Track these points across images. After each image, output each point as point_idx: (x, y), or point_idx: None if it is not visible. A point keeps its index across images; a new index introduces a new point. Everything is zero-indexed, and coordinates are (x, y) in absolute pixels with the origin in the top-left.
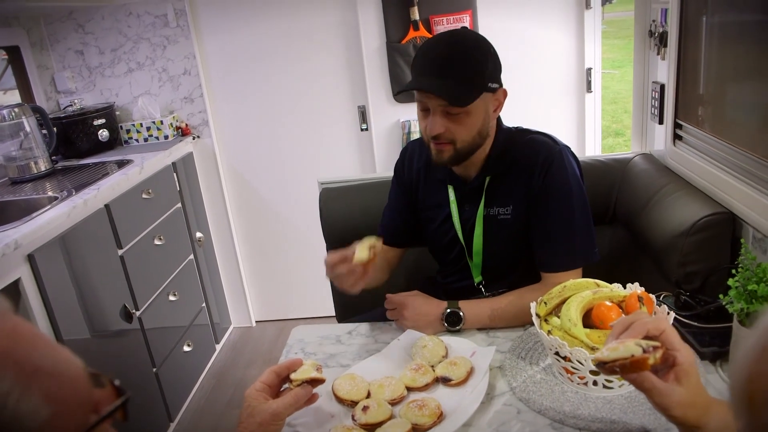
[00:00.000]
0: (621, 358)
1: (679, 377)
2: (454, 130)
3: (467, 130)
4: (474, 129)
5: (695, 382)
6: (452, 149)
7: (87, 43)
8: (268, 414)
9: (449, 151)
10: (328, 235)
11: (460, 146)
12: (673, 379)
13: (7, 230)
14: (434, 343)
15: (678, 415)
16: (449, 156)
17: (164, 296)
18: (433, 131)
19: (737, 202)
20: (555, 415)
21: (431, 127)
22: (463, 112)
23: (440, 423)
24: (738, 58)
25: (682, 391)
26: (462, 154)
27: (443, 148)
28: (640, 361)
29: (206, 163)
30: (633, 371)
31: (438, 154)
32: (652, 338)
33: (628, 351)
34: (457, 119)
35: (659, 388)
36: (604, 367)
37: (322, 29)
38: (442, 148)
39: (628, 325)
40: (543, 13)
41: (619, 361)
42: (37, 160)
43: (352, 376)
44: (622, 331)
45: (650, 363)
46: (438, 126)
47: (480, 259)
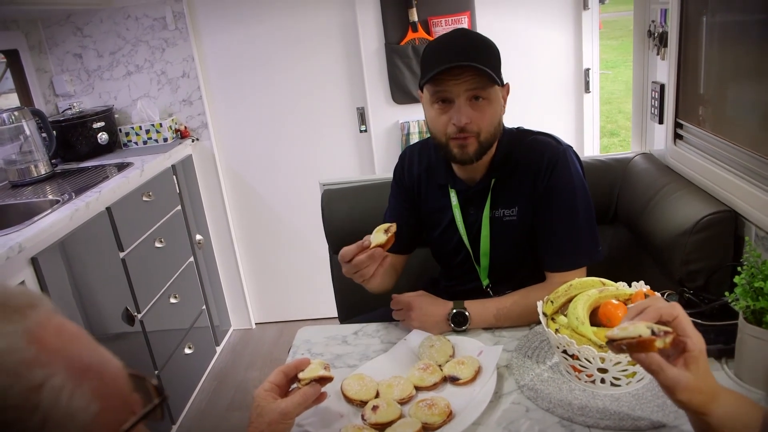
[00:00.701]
0: (629, 337)
1: (688, 363)
2: (479, 121)
3: (490, 120)
4: (495, 119)
5: (704, 369)
6: (476, 142)
7: (85, 47)
8: (277, 413)
9: (473, 145)
10: (330, 237)
11: (483, 138)
12: (682, 364)
13: (10, 233)
14: (441, 343)
15: (684, 399)
16: (474, 149)
17: (165, 299)
18: (461, 121)
19: (739, 201)
20: (563, 413)
21: (458, 117)
22: (487, 99)
23: (450, 422)
24: (738, 57)
25: (689, 375)
26: (485, 147)
27: (467, 142)
28: (647, 341)
29: (205, 165)
30: (640, 351)
31: (462, 150)
32: (666, 323)
33: (637, 331)
34: (481, 109)
35: (666, 370)
36: (612, 345)
37: (320, 31)
38: (467, 141)
39: (643, 308)
40: (541, 14)
41: (626, 340)
42: (37, 163)
43: (360, 376)
44: (637, 314)
45: (658, 346)
46: (465, 115)
47: (487, 262)
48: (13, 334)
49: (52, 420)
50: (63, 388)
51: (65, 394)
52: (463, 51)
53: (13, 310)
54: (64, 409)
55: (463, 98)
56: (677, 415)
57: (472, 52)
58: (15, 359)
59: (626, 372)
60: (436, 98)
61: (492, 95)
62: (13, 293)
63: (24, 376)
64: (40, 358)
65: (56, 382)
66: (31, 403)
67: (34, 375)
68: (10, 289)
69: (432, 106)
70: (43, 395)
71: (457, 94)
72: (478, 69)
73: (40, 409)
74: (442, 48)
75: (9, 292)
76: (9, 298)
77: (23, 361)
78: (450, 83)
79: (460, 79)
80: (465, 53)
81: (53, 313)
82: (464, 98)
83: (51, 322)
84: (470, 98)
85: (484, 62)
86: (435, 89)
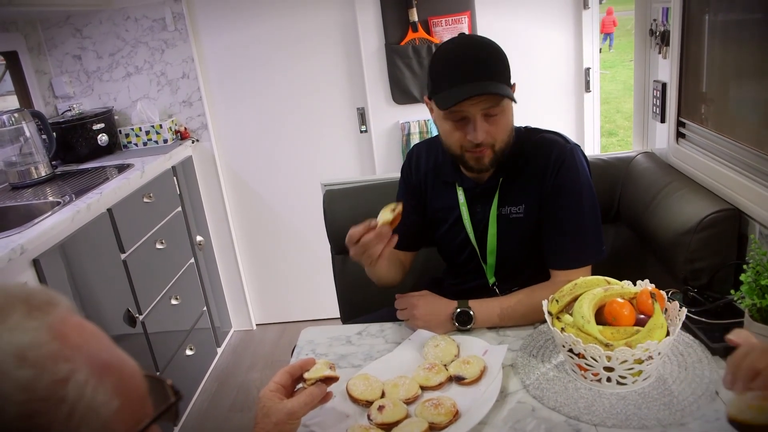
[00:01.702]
0: None
1: None
2: (494, 133)
3: (505, 131)
4: (509, 128)
5: None
6: (491, 153)
7: (85, 48)
8: (283, 413)
9: (489, 156)
10: (332, 237)
11: (498, 148)
12: None
13: (12, 235)
14: (446, 342)
15: None
16: (490, 160)
17: (166, 300)
18: (478, 138)
19: (743, 199)
20: (570, 412)
21: (475, 135)
22: (501, 112)
23: (456, 421)
24: (741, 55)
25: None
26: (500, 155)
27: (483, 154)
28: None
29: (205, 166)
30: None
31: (478, 162)
32: None
33: None
34: (495, 121)
35: None
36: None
37: (320, 31)
38: (482, 154)
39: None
40: (541, 13)
41: None
42: (37, 165)
43: (365, 376)
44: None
45: None
46: (481, 132)
47: (494, 260)
48: (37, 330)
49: (77, 413)
50: (87, 382)
51: (89, 389)
52: (477, 73)
53: (35, 307)
54: (89, 402)
55: (479, 116)
56: (684, 413)
57: (486, 72)
58: (40, 353)
59: (632, 371)
60: (451, 117)
61: (506, 106)
62: (35, 292)
63: (50, 369)
64: (64, 352)
65: (80, 377)
66: (58, 395)
67: (59, 368)
68: (32, 288)
69: (445, 121)
70: (68, 388)
71: (473, 113)
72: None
73: (66, 402)
74: (454, 67)
75: (30, 290)
76: (31, 296)
77: (48, 354)
78: (466, 105)
79: (476, 100)
80: (480, 74)
81: (72, 312)
82: (479, 116)
83: (72, 320)
84: (484, 114)
85: (499, 79)
86: (451, 109)
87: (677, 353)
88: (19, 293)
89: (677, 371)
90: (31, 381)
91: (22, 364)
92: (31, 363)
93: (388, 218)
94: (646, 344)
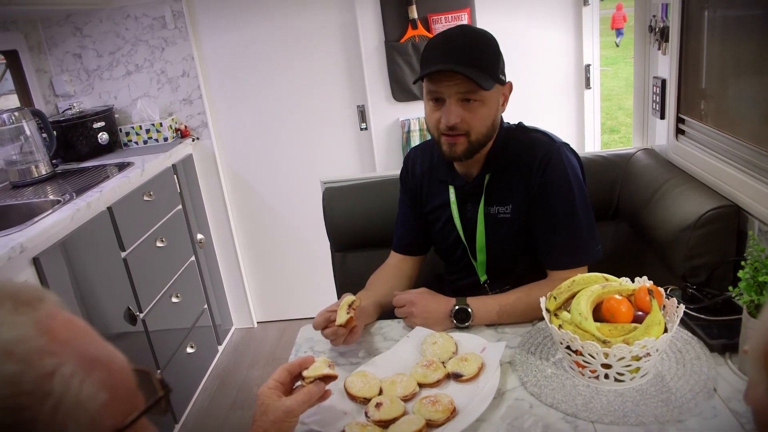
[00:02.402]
0: None
1: None
2: (470, 121)
3: (482, 121)
4: (488, 120)
5: None
6: (466, 141)
7: (85, 47)
8: (281, 411)
9: (463, 144)
10: (331, 234)
11: (474, 138)
12: None
13: (12, 234)
14: (444, 340)
15: None
16: (463, 149)
17: (167, 298)
18: (449, 121)
19: (742, 195)
20: (567, 409)
21: (447, 116)
22: (479, 101)
23: (453, 418)
24: (740, 52)
25: None
26: (475, 146)
27: (457, 141)
28: None
29: (206, 164)
30: None
31: (451, 148)
32: None
33: None
34: (473, 109)
35: None
36: None
37: (320, 29)
38: (456, 140)
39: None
40: (541, 10)
41: None
42: (37, 163)
43: (363, 374)
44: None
45: None
46: (454, 115)
47: (484, 258)
48: (24, 325)
49: (63, 407)
50: (73, 376)
51: (75, 383)
52: (457, 54)
53: (24, 303)
54: (75, 396)
55: (454, 99)
56: (681, 410)
57: (467, 55)
58: (27, 348)
59: (630, 367)
60: (430, 96)
61: (485, 96)
62: (23, 287)
63: (36, 363)
64: (51, 347)
65: (67, 371)
66: (43, 389)
67: (45, 363)
68: (20, 284)
69: (428, 102)
70: (54, 383)
71: (448, 95)
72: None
73: (52, 396)
74: (439, 47)
75: (18, 286)
76: (19, 292)
77: (35, 349)
78: (442, 84)
79: (452, 82)
80: (458, 56)
81: (60, 308)
82: (455, 99)
83: (60, 315)
84: (461, 99)
85: (478, 65)
86: (429, 88)
87: (675, 350)
88: (7, 289)
89: (675, 368)
90: (16, 375)
91: (8, 359)
92: (17, 358)
93: (343, 321)
94: (644, 341)
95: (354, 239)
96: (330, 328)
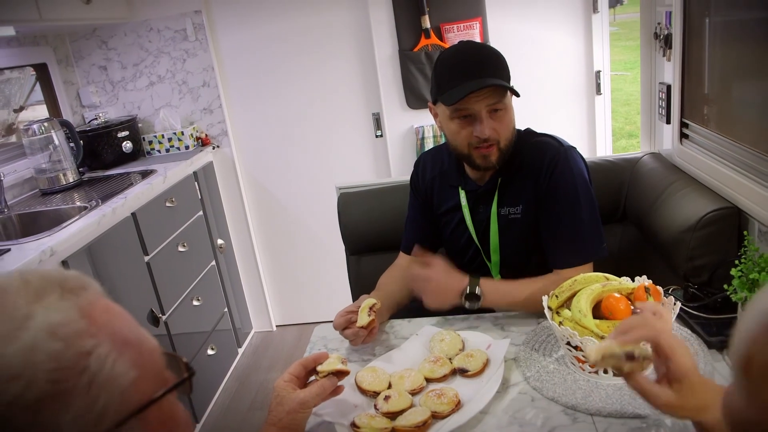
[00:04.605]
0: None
1: (671, 383)
2: (500, 130)
3: (508, 128)
4: (512, 126)
5: (688, 388)
6: (497, 150)
7: (110, 59)
8: (296, 403)
9: (495, 153)
10: (346, 239)
11: (503, 145)
12: (665, 383)
13: (42, 238)
14: (451, 337)
15: (665, 413)
16: (496, 158)
17: (188, 301)
18: (484, 133)
19: (743, 197)
20: (567, 402)
21: (482, 130)
22: (504, 110)
23: (458, 410)
24: (740, 57)
25: (670, 394)
26: (505, 153)
27: (490, 152)
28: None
29: (226, 171)
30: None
31: (485, 159)
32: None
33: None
34: (500, 118)
35: (646, 388)
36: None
37: (336, 39)
38: (489, 151)
39: (628, 329)
40: (551, 17)
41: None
42: (65, 171)
43: (373, 369)
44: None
45: (626, 370)
46: (489, 128)
47: (498, 257)
48: (68, 310)
49: (97, 381)
50: (108, 355)
51: (109, 361)
52: (479, 69)
53: (69, 290)
54: (108, 373)
55: (485, 112)
56: None
57: (489, 68)
58: (69, 330)
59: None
60: (456, 114)
61: (508, 104)
62: (70, 276)
63: (76, 343)
64: (90, 330)
65: (102, 351)
66: (81, 365)
67: (84, 343)
68: (67, 273)
69: (452, 121)
70: (91, 360)
71: (478, 110)
72: (499, 85)
73: (88, 372)
74: (457, 67)
75: (65, 275)
76: (65, 280)
77: (76, 331)
78: (471, 101)
79: (481, 96)
80: (482, 71)
81: (101, 295)
82: (485, 111)
83: (100, 302)
84: (490, 111)
85: (501, 75)
86: (456, 107)
87: None
88: (56, 277)
89: None
90: (59, 353)
91: (53, 339)
92: (60, 338)
93: (365, 323)
94: None
95: (368, 243)
96: (350, 329)
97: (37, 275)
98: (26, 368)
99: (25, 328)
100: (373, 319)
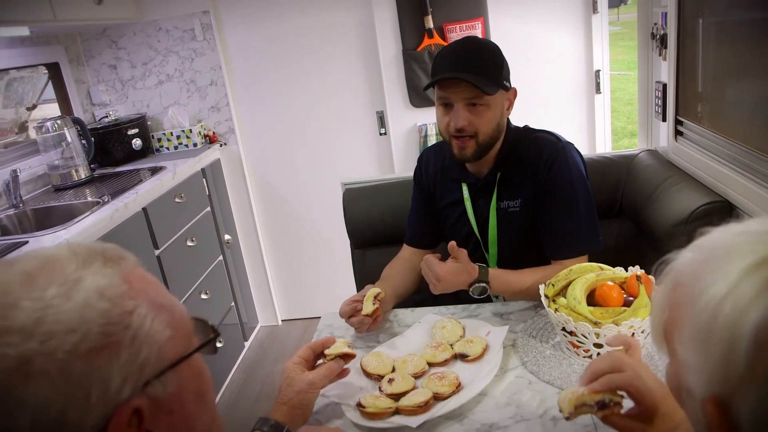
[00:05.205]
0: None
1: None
2: (477, 123)
3: (488, 123)
4: (493, 122)
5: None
6: (474, 144)
7: (120, 58)
8: (304, 384)
9: (472, 146)
10: (351, 234)
11: (481, 140)
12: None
13: (58, 231)
14: (452, 324)
15: None
16: (472, 151)
17: (197, 294)
18: (458, 124)
19: (733, 192)
20: (562, 384)
21: (455, 120)
22: (485, 105)
23: (458, 392)
24: (732, 57)
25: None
26: (483, 147)
27: (466, 144)
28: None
29: (233, 168)
30: None
31: (461, 151)
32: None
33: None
34: (479, 113)
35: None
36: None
37: (340, 39)
38: (465, 144)
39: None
40: (552, 18)
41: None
42: (77, 168)
43: (378, 354)
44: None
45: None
46: (462, 119)
47: (495, 250)
48: (112, 275)
49: (139, 336)
50: (146, 315)
51: (148, 320)
52: (462, 62)
53: (110, 259)
54: (147, 330)
55: (461, 104)
56: None
57: (472, 63)
58: (114, 292)
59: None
60: (440, 101)
61: (490, 101)
62: (108, 247)
63: (120, 303)
64: (131, 293)
65: (142, 311)
66: (125, 322)
67: (126, 303)
68: (106, 245)
69: (438, 107)
70: (133, 318)
71: (455, 100)
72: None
73: (131, 328)
74: (447, 57)
75: (105, 247)
76: (106, 250)
77: (120, 293)
78: (449, 90)
79: (458, 88)
80: (464, 65)
81: (137, 265)
82: (462, 104)
83: (136, 270)
84: (468, 104)
85: (481, 72)
86: (439, 94)
87: None
88: (98, 249)
89: None
90: (107, 311)
91: (101, 299)
92: (107, 298)
93: (370, 311)
94: (631, 321)
95: (372, 237)
96: (356, 317)
97: (82, 247)
98: (81, 323)
99: (77, 289)
100: (378, 308)
